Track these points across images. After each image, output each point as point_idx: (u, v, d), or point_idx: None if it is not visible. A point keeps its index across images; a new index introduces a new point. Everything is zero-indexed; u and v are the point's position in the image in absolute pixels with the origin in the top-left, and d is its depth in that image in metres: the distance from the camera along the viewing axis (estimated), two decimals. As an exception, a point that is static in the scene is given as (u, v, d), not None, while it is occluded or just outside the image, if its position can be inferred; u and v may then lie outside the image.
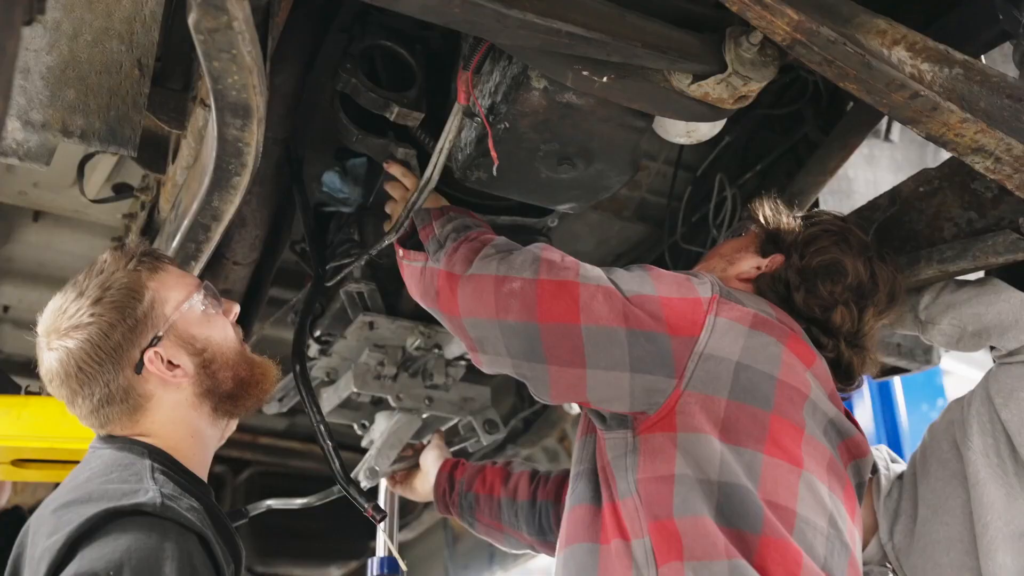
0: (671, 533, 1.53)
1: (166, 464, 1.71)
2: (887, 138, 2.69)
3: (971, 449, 2.06)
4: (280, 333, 3.06)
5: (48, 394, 1.87)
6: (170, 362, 1.76)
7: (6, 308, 3.39)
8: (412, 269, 1.94)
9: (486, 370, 1.83)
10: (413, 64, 2.09)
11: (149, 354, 1.74)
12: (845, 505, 1.69)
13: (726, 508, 1.54)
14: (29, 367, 3.59)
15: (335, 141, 2.36)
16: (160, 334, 1.76)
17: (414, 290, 1.95)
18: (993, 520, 2.01)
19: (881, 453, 2.26)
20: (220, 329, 1.87)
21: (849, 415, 1.81)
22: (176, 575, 1.48)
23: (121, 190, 2.55)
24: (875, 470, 2.17)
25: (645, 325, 1.64)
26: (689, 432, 1.60)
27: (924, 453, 2.13)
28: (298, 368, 2.17)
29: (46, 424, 2.37)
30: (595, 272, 1.72)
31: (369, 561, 2.54)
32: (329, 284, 2.32)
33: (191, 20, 1.40)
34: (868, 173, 2.65)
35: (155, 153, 2.21)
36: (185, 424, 1.79)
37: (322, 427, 2.10)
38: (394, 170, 2.12)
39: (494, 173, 1.84)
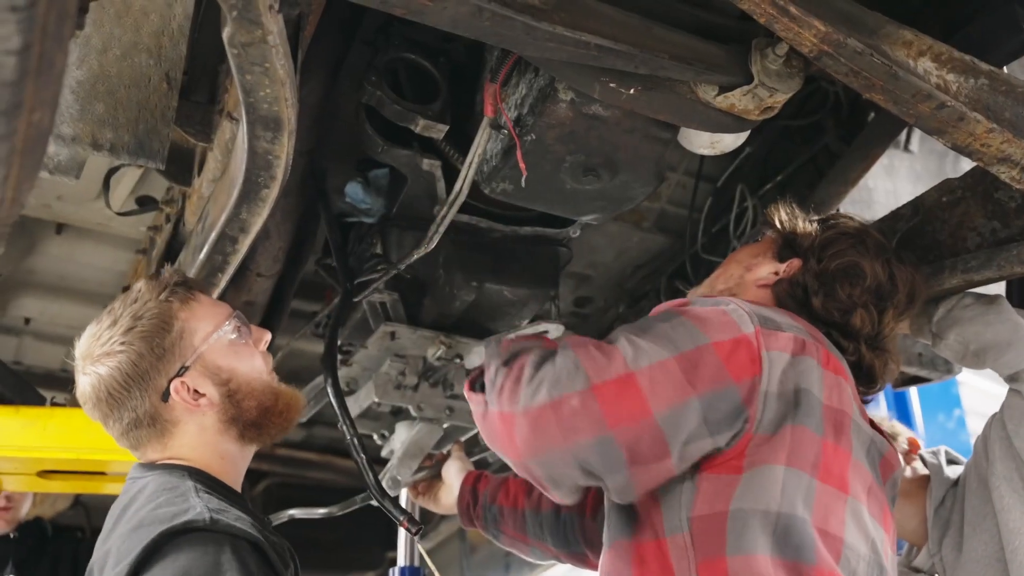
0: (722, 573, 1.48)
1: (207, 482, 1.74)
2: (906, 148, 2.70)
3: (994, 474, 2.08)
4: (299, 345, 3.07)
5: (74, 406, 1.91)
6: (195, 391, 1.80)
7: (27, 320, 3.41)
8: (476, 413, 1.73)
9: (567, 503, 1.65)
10: (437, 76, 2.11)
11: (175, 383, 1.78)
12: (883, 525, 1.67)
13: (782, 540, 1.50)
14: (49, 379, 3.62)
15: (356, 153, 2.38)
16: (187, 364, 1.80)
17: (483, 435, 1.75)
18: (1020, 546, 2.01)
19: (939, 457, 2.27)
20: (247, 359, 1.89)
21: (874, 424, 1.81)
22: None
23: (145, 203, 2.57)
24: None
25: (713, 384, 1.55)
26: (755, 468, 1.54)
27: (970, 468, 2.15)
28: (330, 381, 2.18)
29: (71, 436, 2.38)
30: (639, 351, 1.57)
31: (391, 571, 2.56)
32: (356, 300, 2.32)
33: (225, 34, 1.41)
34: (888, 183, 2.66)
35: (181, 166, 2.22)
36: (212, 447, 1.82)
37: (355, 440, 2.10)
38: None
39: (522, 184, 1.85)
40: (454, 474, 2.51)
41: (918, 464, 2.34)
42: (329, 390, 2.16)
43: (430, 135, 2.05)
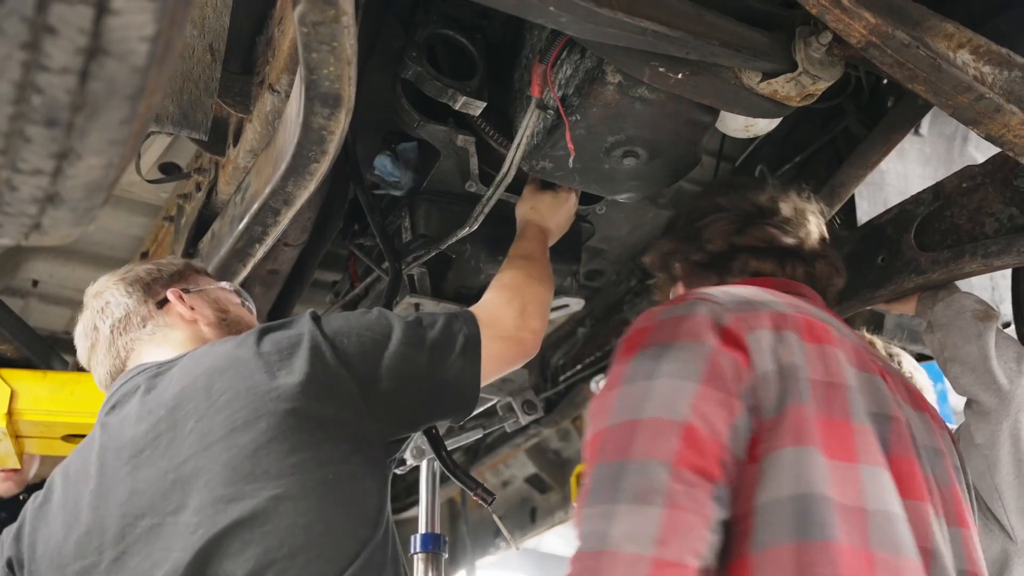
0: (748, 571, 1.36)
1: None
2: (917, 132, 2.74)
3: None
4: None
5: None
6: (192, 307, 1.90)
7: (35, 282, 3.40)
8: None
9: None
10: (475, 53, 2.13)
11: (173, 290, 1.91)
12: (919, 490, 1.53)
13: (803, 522, 1.37)
14: (52, 341, 3.61)
15: (383, 127, 2.40)
16: (190, 289, 1.93)
17: None
18: None
19: None
20: (246, 313, 2.02)
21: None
22: None
23: (169, 170, 2.58)
24: None
25: (738, 382, 1.47)
26: (769, 455, 1.44)
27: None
28: None
29: (97, 400, 2.38)
30: (665, 394, 1.42)
31: (411, 538, 2.61)
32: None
33: (297, 12, 1.43)
34: (899, 166, 2.71)
35: (215, 135, 2.23)
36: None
37: None
38: None
39: (569, 164, 1.89)
40: None
41: None
42: None
43: (468, 111, 2.08)
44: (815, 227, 1.90)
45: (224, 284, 2.01)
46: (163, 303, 1.88)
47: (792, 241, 1.84)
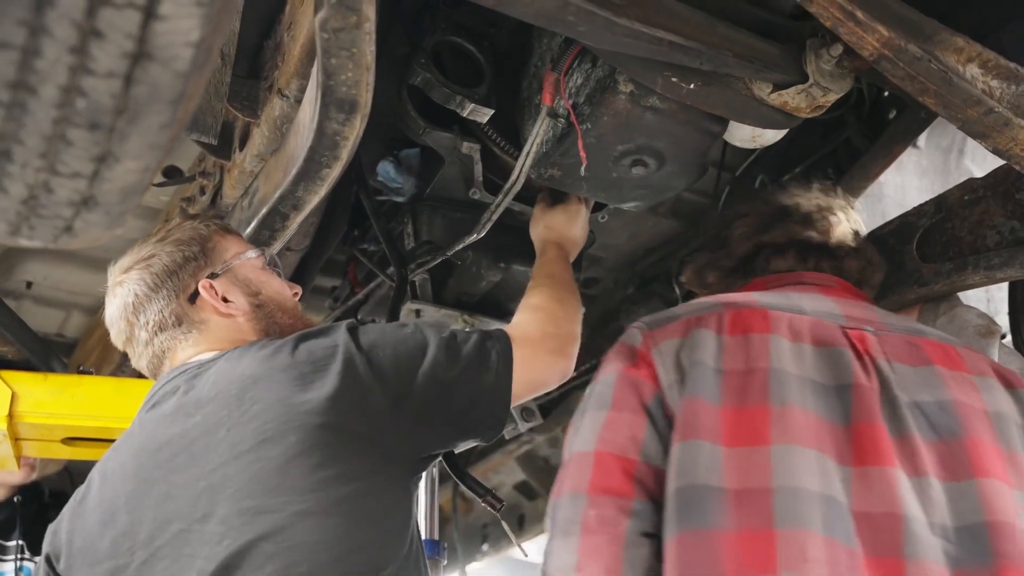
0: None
1: None
2: (915, 145, 2.77)
3: None
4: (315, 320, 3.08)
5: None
6: (224, 298, 1.84)
7: (29, 284, 3.36)
8: None
9: None
10: (482, 61, 2.14)
11: (204, 283, 1.83)
12: (868, 459, 1.46)
13: (684, 513, 1.40)
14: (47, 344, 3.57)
15: (386, 133, 2.40)
16: (217, 272, 1.86)
17: None
18: None
19: None
20: (277, 283, 1.96)
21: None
22: None
23: (170, 173, 2.57)
24: None
25: (643, 399, 1.59)
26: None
27: None
28: None
29: (98, 403, 2.39)
30: (579, 429, 1.56)
31: (411, 544, 2.61)
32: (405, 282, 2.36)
33: (318, 18, 1.43)
34: (897, 177, 2.74)
35: (221, 140, 2.22)
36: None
37: None
38: None
39: (581, 173, 1.90)
40: None
41: None
42: None
43: (476, 118, 2.08)
44: (841, 220, 1.93)
45: (251, 254, 1.93)
46: (195, 296, 1.83)
47: (814, 235, 1.89)
